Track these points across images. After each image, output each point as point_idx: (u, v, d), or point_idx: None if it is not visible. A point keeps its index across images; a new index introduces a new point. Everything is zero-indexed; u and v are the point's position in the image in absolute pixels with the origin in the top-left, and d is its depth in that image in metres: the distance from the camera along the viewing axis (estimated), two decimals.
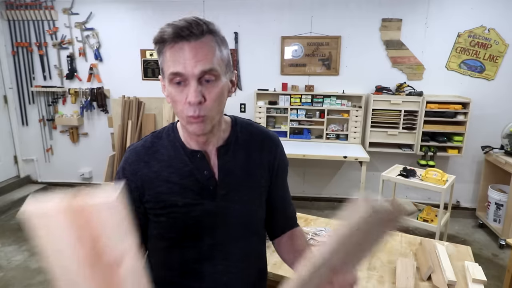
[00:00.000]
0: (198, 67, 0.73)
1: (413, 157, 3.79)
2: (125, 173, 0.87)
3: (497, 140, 3.45)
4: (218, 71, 0.76)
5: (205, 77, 0.75)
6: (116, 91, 4.14)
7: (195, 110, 0.75)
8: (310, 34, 3.80)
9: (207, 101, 0.76)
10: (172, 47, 0.74)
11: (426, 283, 1.41)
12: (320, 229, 1.83)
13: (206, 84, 0.76)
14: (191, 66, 0.73)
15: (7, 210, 3.95)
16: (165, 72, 0.78)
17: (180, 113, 0.79)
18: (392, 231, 0.59)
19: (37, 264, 2.90)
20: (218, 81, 0.77)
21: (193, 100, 0.74)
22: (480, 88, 3.64)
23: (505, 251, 3.14)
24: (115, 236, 0.54)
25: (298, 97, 3.83)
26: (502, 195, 3.29)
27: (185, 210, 0.85)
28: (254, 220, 0.94)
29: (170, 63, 0.75)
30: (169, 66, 0.75)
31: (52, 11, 4.04)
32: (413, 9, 3.61)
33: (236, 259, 0.91)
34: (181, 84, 0.76)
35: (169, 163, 0.86)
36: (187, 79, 0.74)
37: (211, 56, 0.75)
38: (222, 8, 3.83)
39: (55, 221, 0.53)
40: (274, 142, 0.97)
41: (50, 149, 4.51)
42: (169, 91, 0.78)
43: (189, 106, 0.75)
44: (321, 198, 4.16)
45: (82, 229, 0.53)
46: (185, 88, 0.76)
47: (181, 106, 0.77)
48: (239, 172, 0.89)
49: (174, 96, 0.78)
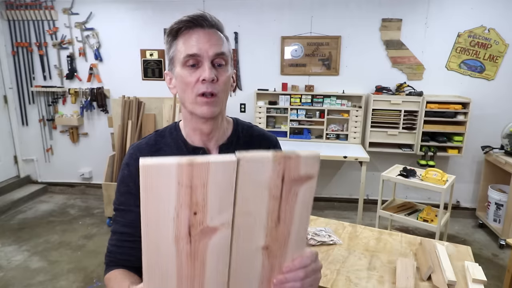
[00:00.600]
0: (212, 49, 0.80)
1: (413, 157, 3.79)
2: (129, 169, 0.88)
3: (497, 140, 3.45)
4: (228, 57, 0.83)
5: (216, 60, 0.81)
6: (116, 91, 4.14)
7: (207, 87, 0.79)
8: (310, 34, 3.80)
9: (219, 81, 0.81)
10: (187, 33, 0.81)
11: (426, 283, 1.41)
12: (320, 229, 1.83)
13: (218, 68, 0.82)
14: (206, 48, 0.79)
15: (7, 210, 3.95)
16: (178, 58, 0.82)
17: (190, 95, 0.81)
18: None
19: (37, 264, 2.90)
20: (227, 67, 0.83)
21: (208, 76, 0.78)
22: (480, 88, 3.64)
23: (505, 251, 3.14)
24: (219, 205, 0.54)
25: (298, 97, 3.83)
26: (502, 195, 3.29)
27: None
28: None
29: (184, 48, 0.80)
30: (184, 50, 0.80)
31: (52, 11, 4.04)
32: (413, 9, 3.61)
33: None
34: (194, 67, 0.80)
35: None
36: (201, 60, 0.80)
37: (222, 43, 0.82)
38: (222, 8, 3.83)
39: (167, 172, 0.50)
40: (273, 144, 1.00)
41: (50, 149, 4.51)
42: (181, 75, 0.82)
43: (202, 84, 0.79)
44: (321, 198, 4.16)
45: (191, 188, 0.51)
46: (198, 70, 0.80)
47: (193, 86, 0.80)
48: None
49: (186, 77, 0.81)
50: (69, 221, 3.74)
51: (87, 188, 4.51)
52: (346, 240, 1.76)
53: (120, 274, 0.86)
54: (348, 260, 1.59)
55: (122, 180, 0.90)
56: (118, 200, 0.91)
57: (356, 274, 1.49)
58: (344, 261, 1.58)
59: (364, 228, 1.90)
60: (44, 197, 4.40)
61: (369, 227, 1.92)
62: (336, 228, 1.89)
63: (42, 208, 4.06)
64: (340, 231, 1.86)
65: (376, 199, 3.18)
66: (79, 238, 3.35)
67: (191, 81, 0.81)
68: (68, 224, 3.65)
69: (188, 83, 0.81)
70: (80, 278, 2.72)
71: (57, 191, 4.55)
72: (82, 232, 3.47)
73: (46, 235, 3.41)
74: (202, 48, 0.79)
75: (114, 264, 0.89)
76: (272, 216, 0.58)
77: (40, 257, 3.02)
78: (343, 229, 1.88)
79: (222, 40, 0.83)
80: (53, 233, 3.45)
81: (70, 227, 3.58)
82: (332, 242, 1.73)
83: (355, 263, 1.58)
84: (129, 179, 0.88)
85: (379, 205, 2.98)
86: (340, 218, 3.70)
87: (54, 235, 3.41)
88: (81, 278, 2.73)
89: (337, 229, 1.88)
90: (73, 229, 3.55)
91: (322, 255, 1.63)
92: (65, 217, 3.84)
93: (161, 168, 0.50)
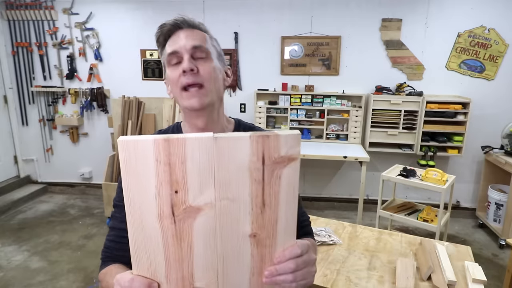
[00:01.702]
0: (189, 43, 0.81)
1: (413, 157, 3.79)
2: None
3: (497, 140, 3.45)
4: (208, 50, 0.84)
5: (196, 53, 0.82)
6: (116, 91, 4.14)
7: (188, 78, 0.80)
8: (310, 34, 3.80)
9: (201, 71, 0.81)
10: (170, 38, 0.84)
11: (426, 283, 1.41)
12: (320, 229, 1.83)
13: (199, 60, 0.82)
14: (184, 43, 0.81)
15: (7, 210, 3.95)
16: (166, 62, 0.85)
17: (177, 91, 0.82)
18: None
19: (37, 264, 2.91)
20: (210, 59, 0.83)
21: (186, 66, 0.79)
22: (480, 88, 3.64)
23: (505, 251, 3.14)
24: (199, 183, 0.53)
25: (298, 97, 3.83)
26: (502, 195, 3.29)
27: None
28: None
29: (166, 50, 0.84)
30: (166, 52, 0.84)
31: (52, 11, 4.04)
32: (413, 9, 3.61)
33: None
34: (178, 64, 0.82)
35: None
36: (182, 56, 0.81)
37: (202, 38, 0.84)
38: (222, 8, 3.83)
39: (145, 148, 0.51)
40: None
41: (50, 149, 4.51)
42: (168, 74, 0.84)
43: (183, 75, 0.80)
44: (321, 198, 4.16)
45: (169, 165, 0.52)
46: (179, 66, 0.82)
47: (177, 80, 0.81)
48: None
49: (170, 75, 0.83)
50: (69, 221, 3.74)
51: (87, 188, 4.51)
52: (346, 240, 1.76)
53: (115, 268, 0.85)
54: (348, 260, 1.59)
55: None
56: (118, 196, 0.91)
57: (356, 274, 1.49)
58: (344, 261, 1.58)
59: (364, 228, 1.90)
60: (44, 197, 4.40)
61: (369, 227, 1.92)
62: (336, 228, 1.89)
63: (42, 208, 4.06)
64: (340, 231, 1.86)
65: (376, 199, 3.18)
66: (79, 238, 3.35)
67: (175, 76, 0.82)
68: (68, 224, 3.65)
69: (172, 79, 0.83)
70: (80, 278, 2.72)
71: (57, 191, 4.55)
72: (82, 232, 3.47)
73: (46, 235, 3.41)
74: (180, 44, 0.82)
75: (110, 259, 0.89)
76: (256, 201, 0.56)
77: (40, 257, 3.02)
78: (343, 229, 1.88)
79: (201, 35, 0.84)
80: (53, 233, 3.45)
81: (70, 227, 3.58)
82: (332, 242, 1.73)
83: (355, 263, 1.58)
84: None
85: (379, 205, 2.98)
86: (340, 218, 3.70)
87: (54, 235, 3.41)
88: (81, 278, 2.73)
89: (337, 229, 1.88)
90: (73, 229, 3.55)
91: (322, 255, 1.63)
92: (65, 217, 3.84)
93: (138, 144, 0.51)
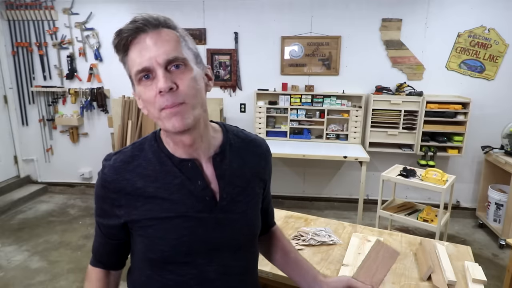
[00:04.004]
0: (162, 55, 0.69)
1: (413, 157, 3.79)
2: (105, 192, 0.80)
3: (497, 140, 3.45)
4: (185, 58, 0.71)
5: (172, 64, 0.70)
6: (116, 91, 4.14)
7: (167, 99, 0.68)
8: (310, 34, 3.80)
9: (180, 87, 0.70)
10: (132, 45, 0.71)
11: (426, 283, 1.41)
12: (320, 229, 1.83)
13: (175, 71, 0.70)
14: (154, 55, 0.68)
15: (7, 210, 3.95)
16: (133, 77, 0.73)
17: (154, 112, 0.71)
18: (393, 263, 0.93)
19: (37, 264, 2.91)
20: (188, 67, 0.72)
21: (163, 86, 0.67)
22: (480, 88, 3.64)
23: (505, 251, 3.14)
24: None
25: (298, 97, 3.83)
26: (502, 195, 3.29)
27: (177, 222, 0.77)
28: (253, 231, 0.89)
29: (132, 64, 0.71)
30: (133, 67, 0.71)
31: (52, 11, 4.04)
32: (413, 9, 3.61)
33: (236, 272, 0.85)
34: (149, 78, 0.70)
35: (154, 177, 0.78)
36: (154, 70, 0.69)
37: (173, 44, 0.70)
38: (222, 8, 3.82)
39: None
40: (266, 149, 0.94)
41: (50, 149, 4.51)
42: (140, 93, 0.72)
43: (161, 96, 0.69)
44: (321, 198, 4.16)
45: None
46: (153, 81, 0.70)
47: (153, 101, 0.70)
48: (238, 181, 0.84)
49: (144, 94, 0.71)
50: (69, 221, 3.74)
51: (87, 188, 4.51)
52: (346, 240, 1.76)
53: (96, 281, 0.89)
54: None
55: (97, 197, 0.84)
56: (96, 210, 0.87)
57: None
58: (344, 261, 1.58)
59: (364, 228, 1.90)
60: (44, 197, 4.40)
61: (369, 227, 1.91)
62: (336, 228, 1.89)
63: (42, 208, 4.06)
64: (340, 231, 1.86)
65: (376, 199, 3.18)
66: (79, 238, 3.35)
67: (150, 96, 0.70)
68: (68, 224, 3.65)
69: (147, 100, 0.71)
70: (80, 278, 2.72)
71: (57, 191, 4.55)
72: (82, 232, 3.47)
73: (46, 235, 3.41)
74: (151, 57, 0.68)
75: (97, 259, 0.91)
76: None
77: (40, 257, 3.02)
78: (343, 229, 1.88)
79: (173, 40, 0.71)
80: (53, 233, 3.45)
81: (70, 227, 3.58)
82: (332, 242, 1.72)
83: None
84: (103, 202, 0.83)
85: (379, 205, 2.98)
86: (340, 218, 3.70)
87: (54, 235, 3.41)
88: (81, 278, 2.73)
89: (337, 229, 1.88)
90: (73, 229, 3.55)
91: (322, 255, 1.62)
92: (65, 217, 3.84)
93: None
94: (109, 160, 0.81)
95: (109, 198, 0.80)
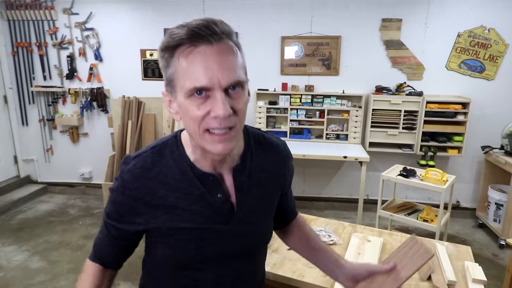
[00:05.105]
0: (226, 78, 0.63)
1: (413, 157, 3.79)
2: (124, 198, 0.78)
3: (497, 140, 3.45)
4: (244, 81, 0.68)
5: (231, 86, 0.66)
6: (116, 91, 4.14)
7: (220, 122, 0.65)
8: (310, 34, 3.80)
9: (237, 113, 0.67)
10: (190, 53, 0.63)
11: (426, 283, 1.41)
12: (320, 229, 1.83)
13: (233, 93, 0.66)
14: (217, 76, 0.63)
15: (7, 210, 3.95)
16: (180, 86, 0.66)
17: (196, 129, 0.67)
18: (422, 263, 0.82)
19: (37, 264, 2.91)
20: (244, 89, 0.69)
21: (222, 113, 0.63)
22: (480, 88, 3.64)
23: (505, 251, 3.14)
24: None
25: (298, 97, 3.83)
26: (502, 195, 3.29)
27: (197, 233, 0.78)
28: (266, 239, 0.92)
29: (188, 77, 0.64)
30: (188, 80, 0.64)
31: (52, 11, 4.04)
32: (413, 9, 3.61)
33: (247, 275, 0.90)
34: (202, 95, 0.65)
35: (176, 186, 0.76)
36: (211, 90, 0.64)
37: (234, 61, 0.66)
38: (222, 8, 3.82)
39: None
40: (287, 155, 0.92)
41: (50, 149, 4.51)
42: (186, 106, 0.66)
43: (213, 119, 0.65)
44: (321, 198, 4.16)
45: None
46: (207, 101, 0.65)
47: (200, 120, 0.66)
48: (256, 191, 0.83)
49: (192, 111, 0.66)
50: (69, 221, 3.74)
51: (87, 188, 4.51)
52: (346, 240, 1.76)
53: (91, 276, 0.86)
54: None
55: (114, 202, 0.80)
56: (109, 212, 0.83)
57: None
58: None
59: (364, 228, 1.90)
60: (44, 197, 4.40)
61: (369, 227, 1.92)
62: (336, 228, 1.89)
63: (42, 208, 4.06)
64: (340, 231, 1.86)
65: (376, 199, 3.18)
66: (79, 238, 3.35)
67: (198, 115, 0.65)
68: (68, 224, 3.65)
69: (194, 117, 0.66)
70: None
71: (57, 191, 4.55)
72: (82, 232, 3.47)
73: (46, 235, 3.41)
74: (213, 78, 0.63)
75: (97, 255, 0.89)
76: None
77: (40, 257, 3.02)
78: (343, 229, 1.88)
79: (236, 58, 0.66)
80: (53, 233, 3.45)
81: (70, 227, 3.58)
82: (332, 242, 1.73)
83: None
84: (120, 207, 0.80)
85: (379, 205, 2.98)
86: (340, 218, 3.70)
87: (54, 235, 3.41)
88: None
89: (337, 229, 1.88)
90: (73, 229, 3.55)
91: None
92: (65, 217, 3.84)
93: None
94: (127, 164, 0.78)
95: (127, 205, 0.78)
